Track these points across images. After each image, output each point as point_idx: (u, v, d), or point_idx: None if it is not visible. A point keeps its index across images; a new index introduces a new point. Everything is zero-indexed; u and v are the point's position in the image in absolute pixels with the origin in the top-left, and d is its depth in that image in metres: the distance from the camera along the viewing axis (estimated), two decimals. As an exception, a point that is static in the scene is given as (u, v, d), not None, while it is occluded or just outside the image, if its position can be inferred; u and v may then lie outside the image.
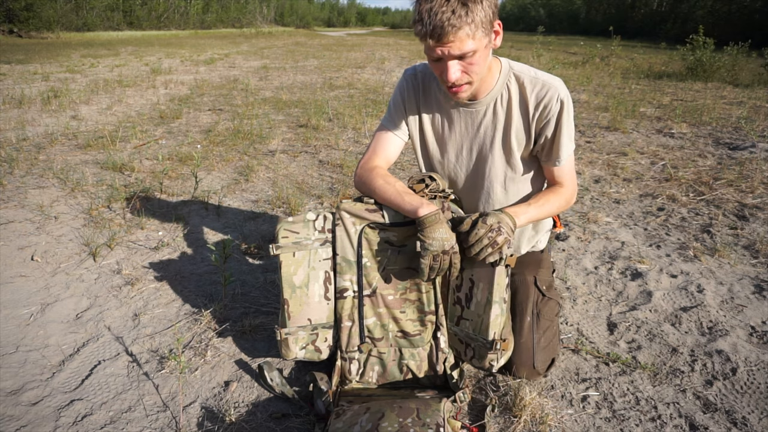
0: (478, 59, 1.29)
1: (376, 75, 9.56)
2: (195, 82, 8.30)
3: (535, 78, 1.44)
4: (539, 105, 1.43)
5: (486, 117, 1.49)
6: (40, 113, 5.49)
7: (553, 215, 1.58)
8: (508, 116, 1.47)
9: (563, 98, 1.42)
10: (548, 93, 1.42)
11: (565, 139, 1.46)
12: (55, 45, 17.95)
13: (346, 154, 4.02)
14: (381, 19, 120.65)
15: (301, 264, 1.49)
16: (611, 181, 3.46)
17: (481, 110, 1.49)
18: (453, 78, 1.30)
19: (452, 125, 1.54)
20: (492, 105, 1.48)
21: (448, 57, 1.27)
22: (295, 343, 1.50)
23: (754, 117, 5.40)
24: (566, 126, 1.44)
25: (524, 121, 1.47)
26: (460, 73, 1.31)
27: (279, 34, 36.51)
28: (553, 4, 46.18)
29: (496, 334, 1.38)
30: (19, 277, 2.15)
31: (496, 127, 1.49)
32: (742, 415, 1.41)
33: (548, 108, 1.42)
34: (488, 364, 1.40)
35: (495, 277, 1.36)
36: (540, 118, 1.45)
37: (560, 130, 1.44)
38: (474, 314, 1.42)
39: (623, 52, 14.10)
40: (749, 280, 2.15)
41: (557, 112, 1.43)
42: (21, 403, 1.45)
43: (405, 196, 1.40)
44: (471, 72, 1.31)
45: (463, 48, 1.24)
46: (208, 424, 1.39)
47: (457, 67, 1.29)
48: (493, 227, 1.30)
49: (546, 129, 1.45)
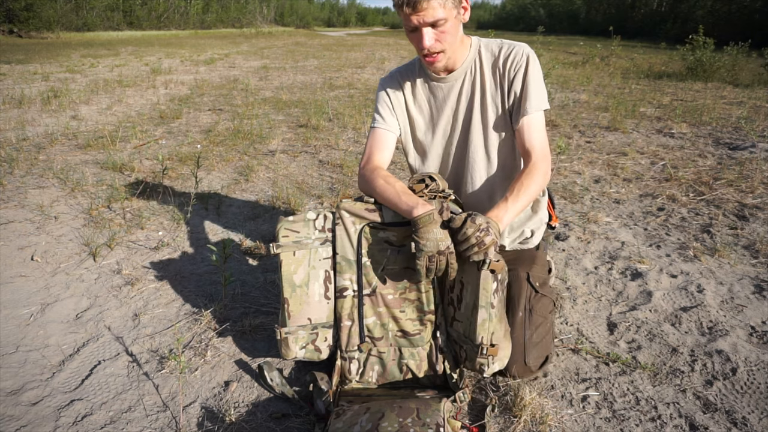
0: (450, 28, 1.42)
1: (376, 75, 9.56)
2: (195, 82, 8.30)
3: (502, 42, 1.59)
4: (507, 60, 1.54)
5: (464, 86, 1.60)
6: (40, 113, 5.49)
7: (535, 195, 1.53)
8: (482, 79, 1.58)
9: (528, 53, 1.54)
10: (514, 49, 1.55)
11: (533, 89, 1.52)
12: (55, 45, 17.96)
13: (346, 154, 4.02)
14: (381, 19, 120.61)
15: (301, 263, 1.50)
16: (611, 181, 3.46)
17: (459, 79, 1.59)
18: (428, 44, 1.42)
19: (437, 103, 1.64)
20: (467, 73, 1.59)
21: (423, 24, 1.39)
22: (295, 343, 1.50)
23: (754, 117, 5.40)
24: (533, 77, 1.53)
25: (496, 82, 1.57)
26: (433, 41, 1.42)
27: (279, 34, 36.52)
28: (553, 4, 46.18)
29: (483, 339, 1.36)
30: (19, 277, 2.15)
31: (474, 92, 1.59)
32: (742, 415, 1.41)
33: (515, 61, 1.53)
34: (479, 367, 1.39)
35: (480, 282, 1.35)
36: (509, 73, 1.54)
37: (527, 80, 1.53)
38: (464, 316, 1.43)
39: (623, 52, 14.10)
40: (749, 280, 2.15)
41: (524, 65, 1.53)
42: (21, 403, 1.45)
43: (402, 197, 1.42)
44: (443, 40, 1.43)
45: (435, 15, 1.37)
46: (208, 424, 1.39)
47: (431, 34, 1.41)
48: (481, 227, 1.30)
49: (515, 83, 1.54)
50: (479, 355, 1.37)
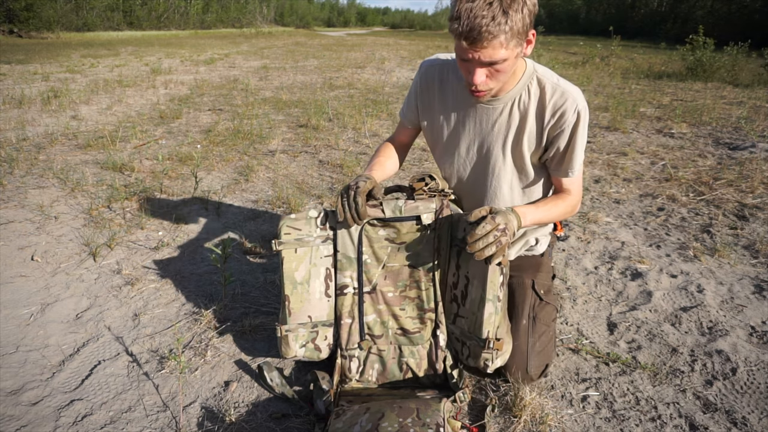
0: (506, 67, 1.29)
1: (376, 75, 9.56)
2: (195, 82, 8.30)
3: (556, 85, 1.43)
4: (556, 113, 1.42)
5: (502, 116, 1.48)
6: (40, 113, 5.49)
7: (557, 221, 1.59)
8: (523, 119, 1.46)
9: (580, 110, 1.41)
10: (566, 102, 1.41)
11: (578, 151, 1.46)
12: (55, 45, 17.96)
13: (346, 154, 4.02)
14: (381, 19, 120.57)
15: (302, 260, 1.50)
16: (611, 181, 3.46)
17: (498, 108, 1.48)
18: (477, 82, 1.30)
19: (467, 119, 1.54)
20: (510, 105, 1.46)
21: (477, 63, 1.26)
22: (295, 341, 1.51)
23: (754, 117, 5.40)
24: (580, 138, 1.44)
25: (538, 126, 1.46)
26: (485, 78, 1.30)
27: (279, 34, 36.51)
28: (553, 4, 46.13)
29: (489, 333, 1.37)
30: (19, 277, 2.15)
31: (510, 128, 1.48)
32: (742, 415, 1.41)
33: (564, 118, 1.41)
34: (483, 363, 1.39)
35: (488, 275, 1.36)
36: (554, 126, 1.44)
37: (574, 142, 1.44)
38: (469, 312, 1.43)
39: (623, 52, 14.10)
40: (749, 280, 2.15)
41: (573, 123, 1.42)
42: (21, 403, 1.45)
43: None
44: (496, 78, 1.32)
45: (494, 56, 1.23)
46: (208, 424, 1.39)
47: (483, 72, 1.29)
48: (499, 226, 1.28)
49: (559, 139, 1.44)
50: (484, 350, 1.37)
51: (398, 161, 1.75)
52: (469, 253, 1.30)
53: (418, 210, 1.48)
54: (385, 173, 1.63)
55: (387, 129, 4.89)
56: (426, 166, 3.79)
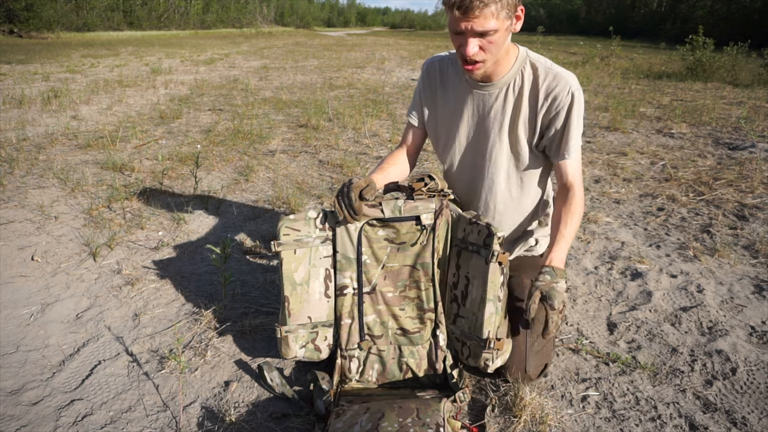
0: (497, 39, 1.33)
1: (376, 75, 9.56)
2: (195, 82, 8.30)
3: (549, 68, 1.46)
4: (549, 96, 1.45)
5: (497, 101, 1.51)
6: (40, 113, 5.49)
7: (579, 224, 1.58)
8: (518, 103, 1.49)
9: (574, 91, 1.44)
10: (559, 84, 1.44)
11: (575, 132, 1.47)
12: (55, 45, 17.96)
13: (346, 154, 4.02)
14: (381, 19, 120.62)
15: (302, 261, 1.50)
16: (611, 181, 3.46)
17: (493, 93, 1.51)
18: (470, 52, 1.33)
19: (465, 108, 1.57)
20: (504, 89, 1.50)
21: (470, 32, 1.30)
22: (295, 342, 1.51)
23: (754, 117, 5.40)
24: (575, 119, 1.46)
25: (531, 109, 1.49)
26: (477, 49, 1.34)
27: (279, 34, 36.51)
28: (553, 4, 46.13)
29: (490, 333, 1.38)
30: (19, 277, 2.15)
31: (506, 112, 1.51)
32: (742, 415, 1.41)
33: (558, 100, 1.44)
34: (483, 363, 1.39)
35: (489, 275, 1.37)
36: (549, 109, 1.46)
37: (570, 123, 1.45)
38: (469, 312, 1.43)
39: (623, 52, 14.10)
40: (749, 280, 2.15)
41: (567, 105, 1.44)
42: (21, 403, 1.45)
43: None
44: (488, 50, 1.35)
45: (485, 25, 1.28)
46: (208, 424, 1.39)
47: (476, 43, 1.33)
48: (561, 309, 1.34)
49: (555, 121, 1.46)
50: (485, 350, 1.38)
51: (406, 167, 1.74)
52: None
53: (418, 210, 1.48)
54: (387, 178, 1.64)
55: (387, 129, 4.89)
56: (426, 166, 3.80)
